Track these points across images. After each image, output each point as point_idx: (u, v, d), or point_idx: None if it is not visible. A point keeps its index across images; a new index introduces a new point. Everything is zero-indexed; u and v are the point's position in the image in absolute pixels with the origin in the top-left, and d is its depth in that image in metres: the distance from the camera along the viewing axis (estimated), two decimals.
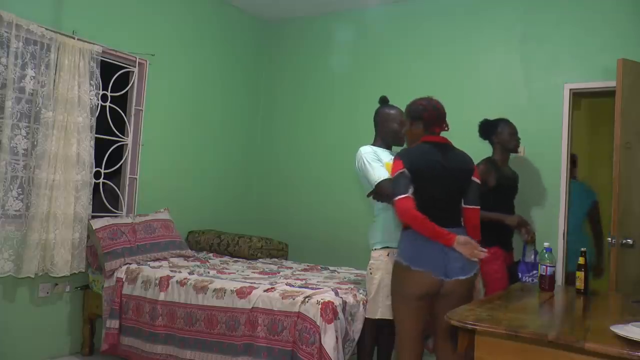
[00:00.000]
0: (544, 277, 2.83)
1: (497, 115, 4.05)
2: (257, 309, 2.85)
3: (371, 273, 2.85)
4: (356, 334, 2.87)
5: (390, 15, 4.76)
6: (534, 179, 4.02)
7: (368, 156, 2.90)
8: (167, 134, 4.43)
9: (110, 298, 3.46)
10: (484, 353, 1.99)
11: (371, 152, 2.93)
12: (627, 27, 3.78)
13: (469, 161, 2.73)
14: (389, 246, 2.82)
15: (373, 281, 2.82)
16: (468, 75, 4.35)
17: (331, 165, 4.96)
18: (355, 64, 4.93)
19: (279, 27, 5.38)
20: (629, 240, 3.20)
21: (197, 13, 4.69)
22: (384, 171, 2.82)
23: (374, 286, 2.82)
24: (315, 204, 5.03)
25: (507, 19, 4.22)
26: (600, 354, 1.71)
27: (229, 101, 5.05)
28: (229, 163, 5.05)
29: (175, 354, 3.11)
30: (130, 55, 4.08)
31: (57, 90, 3.47)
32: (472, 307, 2.25)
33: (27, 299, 3.50)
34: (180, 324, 3.11)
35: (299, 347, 2.67)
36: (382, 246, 2.86)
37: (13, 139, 3.32)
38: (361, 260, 4.37)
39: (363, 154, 2.92)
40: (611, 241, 3.20)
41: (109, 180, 4.05)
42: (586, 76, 3.90)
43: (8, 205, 3.31)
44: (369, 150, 2.95)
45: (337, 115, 4.97)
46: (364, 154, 2.92)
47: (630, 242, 3.20)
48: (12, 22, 3.25)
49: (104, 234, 3.59)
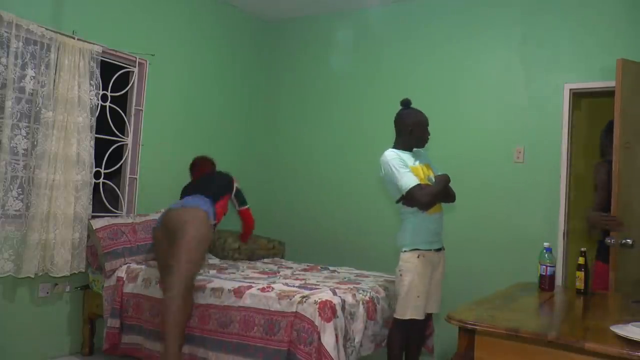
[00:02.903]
0: (544, 277, 2.83)
1: (497, 115, 4.06)
2: (253, 309, 2.86)
3: (401, 275, 2.92)
4: (356, 334, 2.87)
5: (390, 15, 4.76)
6: (534, 178, 4.02)
7: (395, 162, 2.89)
8: (167, 134, 4.43)
9: (110, 297, 3.46)
10: (484, 353, 1.99)
11: (397, 157, 2.92)
12: (627, 27, 3.78)
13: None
14: (418, 248, 2.90)
15: (403, 283, 2.89)
16: (468, 75, 4.35)
17: (331, 165, 4.96)
18: (355, 64, 4.93)
19: (279, 27, 5.38)
20: (628, 241, 3.20)
21: (197, 13, 4.69)
22: (412, 177, 2.85)
23: (404, 287, 2.88)
24: (315, 204, 5.03)
25: (507, 19, 4.22)
26: (600, 354, 1.71)
27: (228, 101, 5.05)
28: (229, 163, 5.02)
29: None
30: (130, 55, 4.08)
31: (57, 90, 3.47)
32: (472, 307, 2.25)
33: (27, 299, 3.50)
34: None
35: (297, 347, 2.67)
36: (411, 248, 2.92)
37: (13, 139, 3.32)
38: (362, 260, 4.40)
39: (389, 160, 2.91)
40: (610, 241, 3.20)
41: (109, 180, 4.05)
42: (586, 76, 3.90)
43: (8, 205, 3.31)
44: (394, 155, 2.94)
45: (338, 115, 4.98)
46: (390, 159, 2.91)
47: (629, 242, 3.20)
48: (12, 22, 3.25)
49: (104, 234, 3.59)
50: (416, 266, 2.89)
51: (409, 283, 2.88)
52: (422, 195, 2.83)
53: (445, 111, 4.34)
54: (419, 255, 2.90)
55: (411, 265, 2.89)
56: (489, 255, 4.09)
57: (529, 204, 4.02)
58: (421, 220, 2.93)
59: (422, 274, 2.90)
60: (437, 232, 3.03)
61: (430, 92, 4.48)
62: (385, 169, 2.93)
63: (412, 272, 2.88)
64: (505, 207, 4.05)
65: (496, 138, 4.16)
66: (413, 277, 2.88)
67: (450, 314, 2.11)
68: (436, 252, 3.02)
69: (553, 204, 3.93)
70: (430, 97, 4.45)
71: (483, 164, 4.19)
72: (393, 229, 4.51)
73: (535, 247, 3.85)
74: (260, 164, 5.32)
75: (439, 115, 4.39)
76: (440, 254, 3.07)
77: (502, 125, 4.14)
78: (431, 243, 2.99)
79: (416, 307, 2.88)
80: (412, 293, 2.87)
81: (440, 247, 3.08)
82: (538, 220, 3.97)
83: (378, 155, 4.70)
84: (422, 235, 2.94)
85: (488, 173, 4.15)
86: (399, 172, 2.86)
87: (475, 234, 4.18)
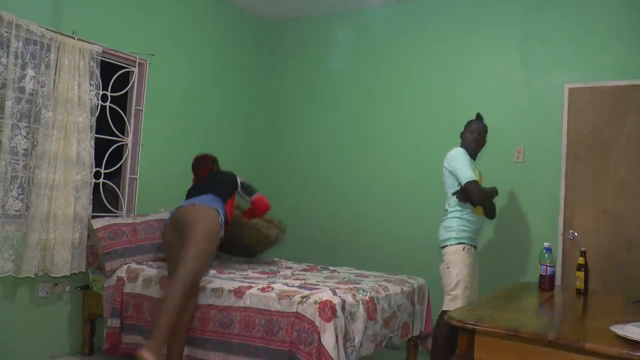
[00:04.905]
0: (544, 277, 2.83)
1: (497, 115, 4.05)
2: (253, 309, 2.86)
3: (448, 267, 3.18)
4: (356, 334, 2.87)
5: (390, 15, 4.76)
6: (534, 178, 4.02)
7: (465, 158, 3.23)
8: (167, 134, 4.43)
9: (111, 297, 3.46)
10: (483, 353, 1.99)
11: (466, 155, 3.26)
12: (627, 27, 3.78)
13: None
14: (463, 242, 3.18)
15: (451, 274, 3.14)
16: (468, 75, 4.35)
17: (332, 165, 4.96)
18: (355, 64, 4.93)
19: (279, 27, 5.38)
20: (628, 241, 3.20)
21: (197, 13, 4.69)
22: (473, 174, 3.19)
23: (453, 279, 3.13)
24: (315, 203, 5.03)
25: (508, 20, 4.22)
26: (600, 354, 1.71)
27: (228, 101, 5.05)
28: (229, 162, 5.01)
29: None
30: (130, 55, 4.08)
31: (57, 90, 3.47)
32: (472, 307, 2.25)
33: (27, 299, 3.50)
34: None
35: (298, 347, 2.67)
36: (457, 242, 3.19)
37: (13, 139, 3.32)
38: (362, 260, 4.40)
39: (460, 155, 3.24)
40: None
41: (109, 180, 4.05)
42: (586, 76, 3.90)
43: (8, 205, 3.31)
44: (464, 152, 3.28)
45: (338, 115, 4.98)
46: (460, 155, 3.24)
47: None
48: (12, 22, 3.25)
49: (105, 234, 3.59)
50: (464, 258, 3.15)
51: (457, 274, 3.12)
52: (477, 192, 3.16)
53: (445, 111, 4.34)
54: (464, 248, 3.17)
55: (459, 257, 3.15)
56: (489, 255, 4.09)
57: (529, 204, 4.02)
58: (466, 218, 3.23)
59: (469, 265, 3.16)
60: (477, 231, 3.30)
61: (430, 92, 4.48)
62: (454, 161, 3.24)
63: (459, 263, 3.14)
64: (505, 207, 4.05)
65: (496, 138, 4.16)
66: (461, 269, 3.12)
67: (450, 313, 2.11)
68: (475, 249, 3.30)
69: (553, 204, 3.93)
70: (430, 97, 4.46)
71: (483, 164, 4.18)
72: (393, 229, 4.55)
73: (535, 247, 3.87)
74: (259, 163, 5.31)
75: (439, 116, 4.42)
76: (475, 253, 3.32)
77: (503, 125, 4.14)
78: (473, 240, 3.28)
79: (465, 299, 3.09)
80: (461, 284, 3.12)
81: (476, 245, 3.36)
82: (538, 220, 3.97)
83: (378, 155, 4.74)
84: (466, 231, 3.23)
85: (488, 173, 4.14)
86: (465, 166, 3.18)
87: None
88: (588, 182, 3.83)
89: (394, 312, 3.26)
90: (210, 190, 3.34)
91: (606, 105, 3.81)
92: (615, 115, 3.77)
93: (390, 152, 4.64)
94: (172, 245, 3.14)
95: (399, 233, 4.50)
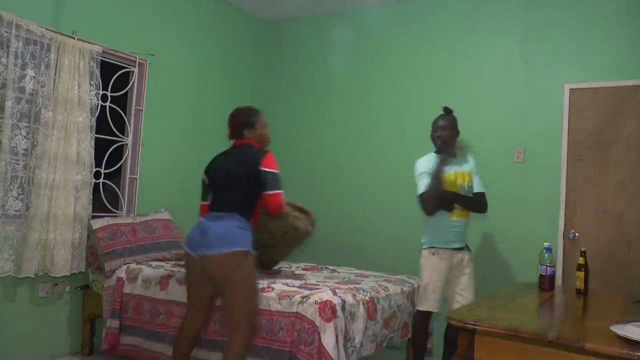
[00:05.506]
0: (544, 277, 2.83)
1: (497, 115, 4.05)
2: None
3: (420, 270, 3.32)
4: (357, 334, 2.87)
5: (390, 15, 4.76)
6: (534, 179, 4.02)
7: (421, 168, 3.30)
8: (167, 134, 4.43)
9: (110, 298, 3.46)
10: (484, 353, 1.99)
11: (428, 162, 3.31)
12: (627, 27, 3.78)
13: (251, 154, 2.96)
14: (434, 246, 3.27)
15: (423, 277, 3.29)
16: (468, 75, 4.35)
17: (331, 165, 4.96)
18: (355, 64, 4.93)
19: (279, 27, 5.38)
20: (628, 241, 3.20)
21: (197, 13, 4.69)
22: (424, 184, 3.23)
23: (423, 281, 3.29)
24: (315, 203, 5.01)
25: (507, 19, 4.22)
26: (600, 354, 1.71)
27: (228, 101, 5.02)
28: None
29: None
30: (130, 55, 4.08)
31: (57, 90, 3.47)
32: (472, 307, 2.25)
33: (27, 299, 3.50)
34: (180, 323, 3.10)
35: (298, 348, 2.67)
36: (428, 246, 3.30)
37: (13, 139, 3.32)
38: (362, 260, 4.39)
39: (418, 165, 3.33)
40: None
41: (109, 180, 4.05)
42: (586, 76, 3.90)
43: (8, 205, 3.31)
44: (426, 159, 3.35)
45: (338, 115, 4.97)
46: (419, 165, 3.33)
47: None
48: (12, 22, 3.25)
49: (104, 234, 3.59)
50: (434, 262, 3.24)
51: (425, 278, 3.26)
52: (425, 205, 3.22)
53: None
54: (434, 253, 3.25)
55: (428, 262, 3.27)
56: (489, 255, 4.09)
57: (529, 204, 4.02)
58: (439, 222, 3.25)
59: (437, 269, 3.23)
60: (456, 233, 3.28)
61: (430, 92, 4.48)
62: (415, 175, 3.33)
63: (428, 267, 3.26)
64: (506, 208, 4.05)
65: (496, 138, 4.16)
66: (429, 273, 3.24)
67: (450, 313, 2.11)
68: (456, 250, 3.29)
69: (553, 204, 3.93)
70: (430, 97, 4.45)
71: (483, 164, 4.18)
72: (393, 229, 4.55)
73: (535, 247, 3.86)
74: None
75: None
76: (462, 253, 3.31)
77: (503, 126, 4.14)
78: (448, 242, 3.27)
79: (433, 300, 3.22)
80: (429, 287, 3.23)
81: (462, 246, 3.33)
82: (538, 220, 3.97)
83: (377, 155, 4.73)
84: (438, 235, 3.27)
85: (488, 173, 4.14)
86: (419, 179, 3.27)
87: (475, 234, 4.17)
88: (588, 182, 3.84)
89: (394, 312, 3.26)
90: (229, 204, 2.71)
91: (607, 105, 3.81)
92: (616, 116, 3.77)
93: (390, 152, 4.64)
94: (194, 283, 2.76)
95: (399, 233, 4.49)
